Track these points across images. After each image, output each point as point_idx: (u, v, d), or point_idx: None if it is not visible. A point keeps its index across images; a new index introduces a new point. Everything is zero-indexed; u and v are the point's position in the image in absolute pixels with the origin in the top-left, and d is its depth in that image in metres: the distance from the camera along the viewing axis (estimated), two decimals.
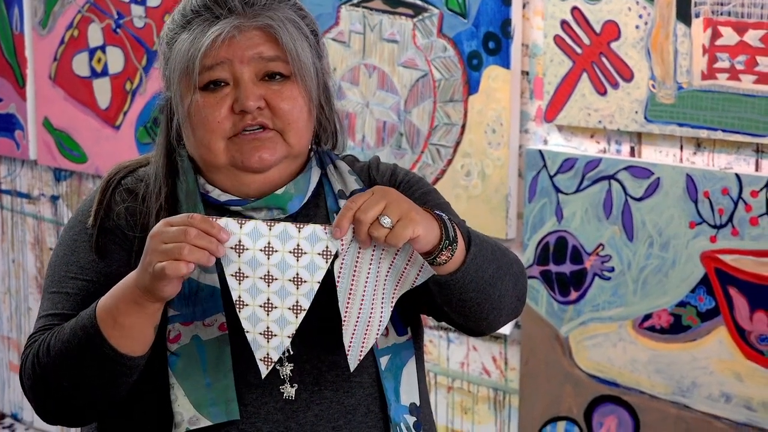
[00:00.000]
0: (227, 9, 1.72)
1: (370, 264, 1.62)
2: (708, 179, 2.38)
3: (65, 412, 1.74)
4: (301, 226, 1.61)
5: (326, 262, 1.60)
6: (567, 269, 2.61)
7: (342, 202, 1.82)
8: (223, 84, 1.73)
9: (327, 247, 1.60)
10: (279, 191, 1.78)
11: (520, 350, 2.72)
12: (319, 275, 1.61)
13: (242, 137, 1.73)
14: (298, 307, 1.61)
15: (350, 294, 1.62)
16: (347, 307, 1.62)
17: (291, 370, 1.74)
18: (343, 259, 1.60)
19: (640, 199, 2.48)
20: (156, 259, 1.57)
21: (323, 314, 1.71)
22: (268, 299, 1.61)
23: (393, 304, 1.65)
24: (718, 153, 2.41)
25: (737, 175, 2.34)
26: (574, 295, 2.60)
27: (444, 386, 2.93)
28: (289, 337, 1.61)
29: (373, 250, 1.62)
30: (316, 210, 1.82)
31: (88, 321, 1.65)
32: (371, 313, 1.63)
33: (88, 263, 1.77)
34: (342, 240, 1.60)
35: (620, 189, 2.50)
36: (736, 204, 2.35)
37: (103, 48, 3.64)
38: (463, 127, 2.75)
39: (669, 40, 2.41)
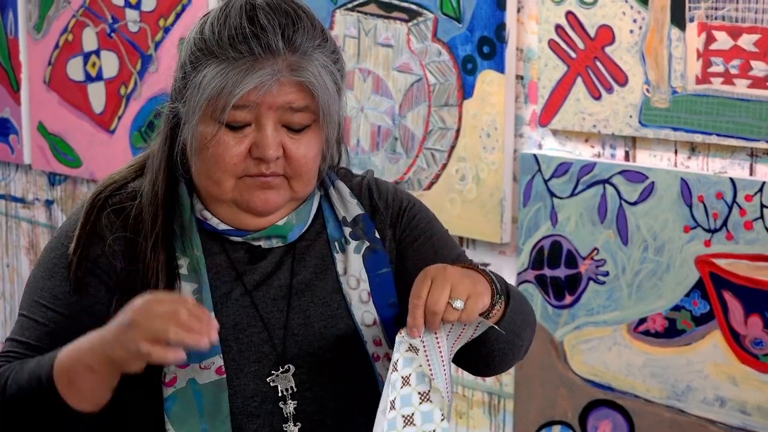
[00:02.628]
0: (269, 50, 1.64)
1: (438, 339, 1.65)
2: (702, 183, 2.38)
3: None
4: (395, 362, 1.62)
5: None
6: (562, 273, 2.61)
7: (347, 230, 1.79)
8: (244, 124, 1.67)
9: (410, 345, 1.62)
10: (280, 222, 1.75)
11: None
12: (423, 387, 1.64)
13: (252, 179, 1.69)
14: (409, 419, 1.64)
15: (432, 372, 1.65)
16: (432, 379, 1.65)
17: (294, 408, 1.71)
18: (425, 348, 1.63)
19: (634, 204, 2.48)
20: (140, 337, 1.51)
21: (327, 345, 1.71)
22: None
23: (450, 361, 1.68)
24: (713, 157, 2.41)
25: (732, 180, 2.35)
26: (568, 299, 2.60)
27: None
28: None
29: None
30: (316, 236, 1.79)
31: (44, 374, 1.61)
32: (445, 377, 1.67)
33: (62, 294, 1.71)
34: (422, 337, 1.62)
35: (615, 193, 2.50)
36: (730, 208, 2.35)
37: (97, 52, 3.64)
38: (458, 131, 2.75)
39: (663, 44, 2.41)
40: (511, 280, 2.71)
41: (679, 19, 2.38)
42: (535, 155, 2.62)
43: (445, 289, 1.59)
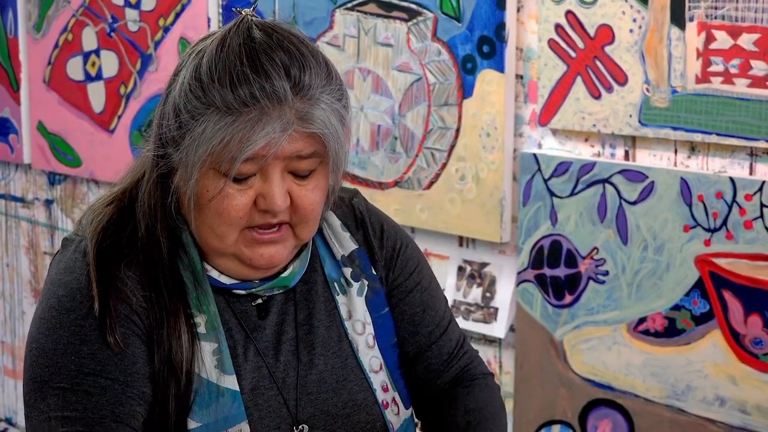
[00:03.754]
0: (275, 97, 1.53)
1: None
2: (702, 183, 2.38)
3: None
4: None
5: None
6: (561, 273, 2.61)
7: (347, 271, 1.76)
8: (249, 175, 1.58)
9: None
10: (286, 273, 1.70)
11: (515, 354, 2.72)
12: None
13: (255, 234, 1.61)
14: None
15: None
16: None
17: None
18: None
19: (634, 203, 2.48)
20: None
21: (340, 401, 1.71)
22: None
23: None
24: (713, 157, 2.41)
25: (731, 179, 2.35)
26: (568, 298, 2.60)
27: None
28: None
29: None
30: (313, 275, 1.75)
31: None
32: None
33: (108, 358, 1.58)
34: None
35: (614, 193, 2.50)
36: (730, 208, 2.35)
37: (97, 52, 3.64)
38: (458, 130, 2.75)
39: (663, 43, 2.41)
40: (511, 279, 2.71)
41: (678, 18, 2.38)
42: (534, 155, 2.62)
43: None
